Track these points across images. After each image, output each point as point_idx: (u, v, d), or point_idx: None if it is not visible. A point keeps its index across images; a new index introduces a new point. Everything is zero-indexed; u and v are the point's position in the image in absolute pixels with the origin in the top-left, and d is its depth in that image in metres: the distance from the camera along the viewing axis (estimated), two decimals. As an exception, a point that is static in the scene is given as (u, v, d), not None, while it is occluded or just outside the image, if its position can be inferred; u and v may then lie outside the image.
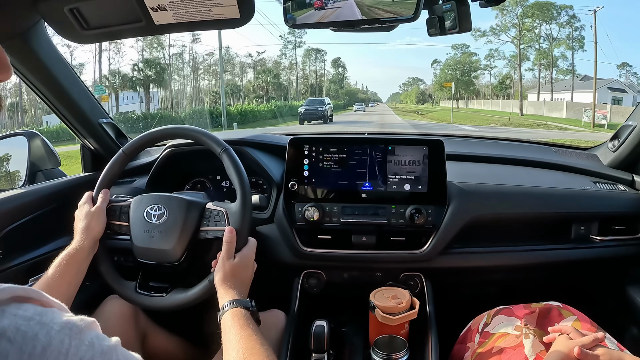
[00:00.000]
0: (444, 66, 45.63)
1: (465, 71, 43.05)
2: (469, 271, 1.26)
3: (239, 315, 0.81)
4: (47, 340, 0.34)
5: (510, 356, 0.87)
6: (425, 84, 64.66)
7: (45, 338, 0.34)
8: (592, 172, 1.38)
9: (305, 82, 48.49)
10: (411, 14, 0.82)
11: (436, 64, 49.20)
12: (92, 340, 0.38)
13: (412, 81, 70.99)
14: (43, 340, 0.34)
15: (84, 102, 1.27)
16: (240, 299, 0.85)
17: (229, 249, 0.93)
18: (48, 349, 0.34)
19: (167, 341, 1.19)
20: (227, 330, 0.78)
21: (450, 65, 44.16)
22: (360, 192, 1.19)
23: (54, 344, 0.35)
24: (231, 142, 1.09)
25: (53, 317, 0.37)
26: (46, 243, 1.21)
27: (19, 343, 0.33)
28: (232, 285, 0.88)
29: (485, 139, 1.79)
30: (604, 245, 1.23)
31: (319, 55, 49.84)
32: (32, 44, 1.04)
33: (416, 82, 68.71)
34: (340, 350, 1.11)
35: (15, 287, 0.38)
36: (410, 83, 71.09)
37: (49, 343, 0.34)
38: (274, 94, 42.56)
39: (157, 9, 0.86)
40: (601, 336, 0.81)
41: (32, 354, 0.33)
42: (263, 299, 1.18)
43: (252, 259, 0.98)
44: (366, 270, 1.23)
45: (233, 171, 1.00)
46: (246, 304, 0.84)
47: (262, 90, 42.02)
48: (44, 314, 0.37)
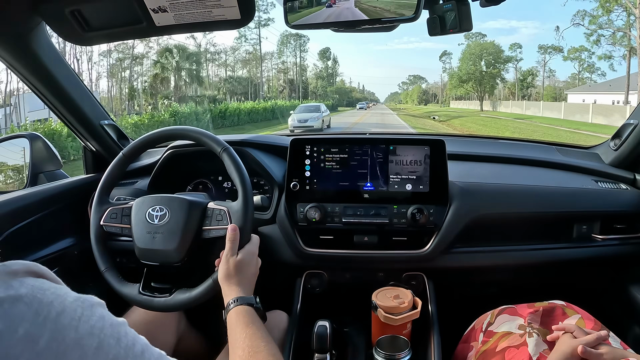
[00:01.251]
0: (464, 55, 36.16)
1: (491, 62, 34.64)
2: (471, 271, 1.26)
3: (243, 312, 0.81)
4: (61, 308, 0.37)
5: (514, 355, 0.87)
6: (427, 83, 59.45)
7: (59, 306, 0.37)
8: (594, 171, 1.38)
9: (284, 77, 39.57)
10: (412, 13, 0.82)
11: (446, 57, 42.68)
12: (102, 313, 0.41)
13: (413, 79, 65.12)
14: (57, 307, 0.37)
15: (85, 103, 1.27)
16: (244, 296, 0.85)
17: (232, 247, 0.93)
18: (62, 314, 0.37)
19: (199, 345, 1.20)
20: (232, 329, 0.79)
21: (474, 53, 35.17)
22: (362, 192, 1.19)
23: (67, 311, 0.37)
24: (232, 142, 1.09)
25: (67, 291, 0.40)
26: (48, 245, 1.21)
27: (34, 307, 0.35)
28: (236, 282, 0.88)
29: (487, 138, 1.79)
30: (606, 244, 1.23)
31: (299, 42, 39.32)
32: (33, 46, 1.04)
33: (417, 80, 63.13)
34: (342, 351, 1.11)
35: (29, 263, 0.41)
36: (410, 82, 65.47)
37: (63, 310, 0.37)
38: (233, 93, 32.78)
39: (158, 11, 0.86)
40: (605, 335, 0.81)
41: (47, 317, 0.35)
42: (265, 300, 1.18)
43: (256, 255, 0.97)
44: (368, 270, 1.23)
45: (234, 170, 1.00)
46: (250, 300, 0.84)
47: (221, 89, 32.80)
48: (59, 288, 0.39)
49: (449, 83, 41.90)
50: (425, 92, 59.19)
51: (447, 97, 47.93)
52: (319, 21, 0.87)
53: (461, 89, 37.48)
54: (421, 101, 57.26)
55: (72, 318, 0.37)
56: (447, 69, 43.84)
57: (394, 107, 47.34)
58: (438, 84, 57.20)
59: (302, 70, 41.73)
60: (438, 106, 47.05)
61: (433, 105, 50.91)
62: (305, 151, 1.21)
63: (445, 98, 49.42)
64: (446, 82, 44.92)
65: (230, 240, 0.93)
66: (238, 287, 0.87)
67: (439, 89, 54.95)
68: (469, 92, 37.72)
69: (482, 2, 0.89)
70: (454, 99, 43.93)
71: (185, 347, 1.14)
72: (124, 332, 0.41)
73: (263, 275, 1.00)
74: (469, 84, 35.55)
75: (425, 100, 57.39)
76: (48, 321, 0.35)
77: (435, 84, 58.56)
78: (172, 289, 1.01)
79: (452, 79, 38.98)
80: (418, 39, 75.60)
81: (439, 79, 54.50)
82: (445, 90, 46.45)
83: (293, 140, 1.22)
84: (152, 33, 0.94)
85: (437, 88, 56.24)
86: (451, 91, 42.14)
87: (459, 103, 41.34)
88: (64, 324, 0.36)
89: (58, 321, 0.36)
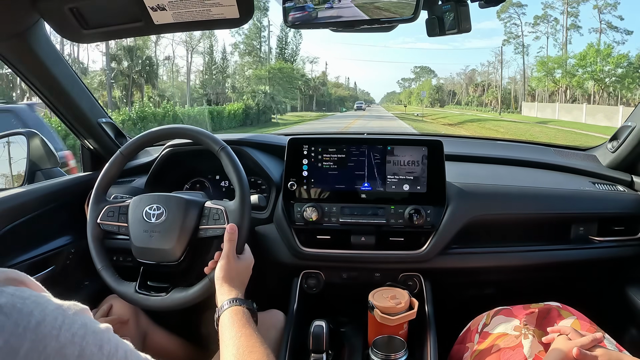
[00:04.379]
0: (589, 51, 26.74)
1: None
2: (468, 272, 1.26)
3: (240, 313, 0.80)
4: (41, 317, 0.36)
5: (510, 356, 0.87)
6: (437, 77, 48.58)
7: (40, 315, 0.36)
8: (591, 172, 1.38)
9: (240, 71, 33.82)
10: (411, 14, 0.82)
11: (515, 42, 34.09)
12: (84, 321, 0.39)
13: (419, 72, 52.20)
14: (38, 316, 0.36)
15: (84, 101, 1.27)
16: (243, 299, 0.84)
17: (231, 247, 0.92)
18: (42, 323, 0.36)
19: (167, 341, 1.19)
20: (227, 328, 0.78)
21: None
22: (359, 193, 1.19)
23: (48, 320, 0.36)
24: (230, 142, 1.09)
25: (48, 299, 0.39)
26: (45, 242, 1.20)
27: (14, 317, 0.35)
28: (235, 285, 0.88)
29: (484, 139, 1.79)
30: (603, 245, 1.23)
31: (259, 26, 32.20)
32: (32, 43, 1.03)
33: (425, 73, 50.99)
34: (339, 351, 1.11)
35: (8, 271, 0.40)
36: (417, 75, 52.58)
37: (44, 319, 0.36)
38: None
39: (157, 9, 0.86)
40: (600, 337, 0.81)
41: (27, 328, 0.35)
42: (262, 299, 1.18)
43: (253, 259, 0.97)
44: (365, 270, 1.23)
45: (231, 169, 1.00)
46: (249, 304, 0.84)
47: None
48: (40, 297, 0.38)
49: (537, 72, 34.03)
50: (439, 90, 47.41)
51: (471, 97, 41.83)
52: (318, 21, 0.87)
53: (546, 84, 31.38)
54: (434, 102, 46.22)
55: (52, 327, 0.36)
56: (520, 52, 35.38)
57: (402, 113, 35.63)
58: (449, 79, 46.48)
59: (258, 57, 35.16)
60: (469, 109, 39.05)
61: (452, 107, 41.40)
62: (303, 151, 1.21)
63: (470, 97, 42.52)
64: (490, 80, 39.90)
65: (229, 240, 0.92)
66: (236, 289, 0.87)
67: (457, 86, 45.03)
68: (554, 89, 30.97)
69: (482, 3, 0.89)
70: (528, 99, 34.81)
71: (154, 344, 1.14)
72: (106, 339, 0.40)
73: (260, 275, 1.00)
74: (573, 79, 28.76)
75: (439, 100, 46.51)
76: (28, 331, 0.34)
77: (449, 78, 47.43)
78: (168, 287, 1.01)
79: (545, 66, 32.36)
80: (413, 39, 74.78)
81: (449, 74, 45.50)
82: (527, 83, 36.20)
83: (291, 140, 1.22)
84: (151, 31, 0.94)
85: (454, 85, 45.85)
86: (538, 83, 33.71)
87: (531, 108, 31.96)
88: (44, 333, 0.35)
89: (38, 330, 0.35)
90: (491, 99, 40.91)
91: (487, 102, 40.97)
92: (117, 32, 0.98)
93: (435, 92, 47.40)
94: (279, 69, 35.21)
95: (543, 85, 33.54)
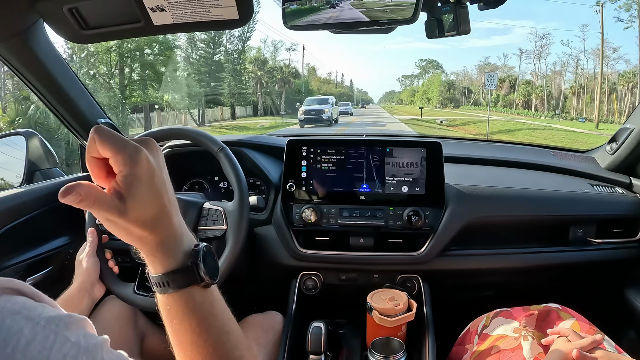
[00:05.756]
0: None
1: None
2: (467, 273, 1.26)
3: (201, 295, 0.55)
4: (32, 335, 0.34)
5: (509, 358, 0.87)
6: (444, 71, 38.95)
7: (30, 333, 0.34)
8: (590, 174, 1.38)
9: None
10: (410, 15, 0.82)
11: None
12: (78, 338, 0.37)
13: (424, 67, 41.68)
14: (28, 335, 0.34)
15: (82, 102, 1.27)
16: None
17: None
18: (32, 343, 0.34)
19: (166, 342, 1.18)
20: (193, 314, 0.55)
21: None
22: (357, 194, 1.19)
23: (38, 339, 0.34)
24: (229, 143, 1.09)
25: (41, 312, 0.36)
26: (44, 243, 1.20)
27: (3, 335, 0.33)
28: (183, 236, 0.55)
29: (483, 141, 1.79)
30: (601, 247, 1.23)
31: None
32: (31, 44, 1.03)
33: (432, 67, 40.36)
34: (337, 352, 1.11)
35: (6, 280, 0.37)
36: (420, 72, 42.40)
37: (34, 338, 0.34)
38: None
39: (156, 10, 0.86)
40: (599, 338, 0.82)
41: (16, 347, 0.33)
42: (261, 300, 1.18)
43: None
44: (363, 272, 1.22)
45: (230, 170, 1.00)
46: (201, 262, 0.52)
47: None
48: (32, 309, 0.36)
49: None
50: (451, 86, 37.29)
51: (494, 95, 32.42)
52: (318, 22, 0.87)
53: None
54: (445, 101, 36.57)
55: (43, 347, 0.34)
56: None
57: (414, 119, 26.27)
58: (462, 73, 35.59)
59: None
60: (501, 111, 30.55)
61: (471, 109, 32.63)
62: (302, 152, 1.21)
63: (494, 96, 32.79)
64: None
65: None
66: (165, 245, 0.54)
67: (474, 83, 34.81)
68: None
69: (481, 5, 0.89)
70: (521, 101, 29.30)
71: (152, 345, 1.13)
72: (100, 357, 0.37)
73: (259, 276, 1.00)
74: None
75: (451, 99, 36.87)
76: (17, 352, 0.33)
77: (462, 73, 36.82)
78: None
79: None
80: (411, 39, 74.18)
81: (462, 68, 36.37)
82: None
83: (289, 141, 1.22)
84: (150, 32, 0.94)
85: (470, 81, 35.65)
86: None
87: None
88: (33, 355, 0.33)
89: (27, 352, 0.33)
90: (522, 99, 32.05)
91: (519, 102, 32.33)
92: (117, 33, 0.98)
93: (446, 90, 37.63)
94: (201, 58, 23.66)
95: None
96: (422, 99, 39.37)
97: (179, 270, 0.49)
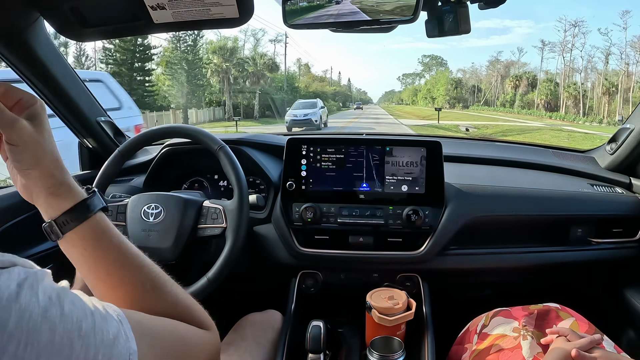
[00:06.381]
0: None
1: None
2: (466, 273, 1.26)
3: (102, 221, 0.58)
4: (18, 288, 0.36)
5: (508, 357, 0.87)
6: (448, 68, 35.30)
7: (15, 286, 0.36)
8: (590, 174, 1.39)
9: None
10: (410, 15, 0.82)
11: None
12: (50, 282, 0.40)
13: (428, 64, 38.09)
14: (14, 288, 0.36)
15: (83, 100, 1.27)
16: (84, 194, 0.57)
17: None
18: (20, 293, 0.36)
19: None
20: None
21: None
22: (357, 193, 1.19)
23: (25, 287, 0.36)
24: (229, 141, 1.09)
25: (19, 271, 0.38)
26: (43, 240, 1.20)
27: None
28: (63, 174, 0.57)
29: (483, 141, 1.79)
30: (601, 247, 1.23)
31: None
32: (31, 42, 1.03)
33: (437, 64, 36.84)
34: (336, 351, 1.11)
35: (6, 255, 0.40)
36: (423, 69, 38.93)
37: (21, 287, 0.36)
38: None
39: (157, 8, 0.86)
40: (599, 338, 0.82)
41: (9, 299, 0.35)
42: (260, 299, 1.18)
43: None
44: (363, 271, 1.22)
45: (230, 168, 1.00)
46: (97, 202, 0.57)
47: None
48: (11, 262, 0.39)
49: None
50: (458, 85, 33.11)
51: (510, 95, 28.45)
52: (318, 21, 0.87)
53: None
54: (452, 101, 32.59)
55: (31, 295, 0.36)
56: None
57: (429, 124, 21.09)
58: (470, 70, 31.82)
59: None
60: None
61: (489, 110, 27.43)
62: (302, 151, 1.21)
63: (509, 96, 29.03)
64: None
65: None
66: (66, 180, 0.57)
67: (484, 80, 30.78)
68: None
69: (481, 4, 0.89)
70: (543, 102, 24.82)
71: None
72: (72, 294, 0.40)
73: (258, 275, 1.00)
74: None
75: (459, 99, 32.72)
76: (11, 301, 0.35)
77: (470, 70, 32.89)
78: None
79: None
80: (411, 38, 73.63)
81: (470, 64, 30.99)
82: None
83: (289, 140, 1.22)
84: (150, 30, 0.94)
85: (479, 78, 31.40)
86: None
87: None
88: (26, 301, 0.35)
89: (20, 299, 0.35)
90: (544, 98, 27.52)
91: (540, 103, 27.99)
92: (117, 31, 0.98)
93: (454, 89, 33.61)
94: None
95: None
96: (426, 99, 35.89)
97: (77, 205, 0.55)
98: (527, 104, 29.55)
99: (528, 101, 29.76)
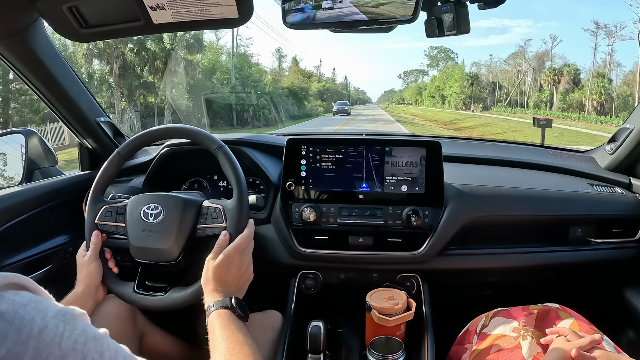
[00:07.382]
0: None
1: None
2: (466, 273, 1.26)
3: (220, 316, 0.81)
4: (43, 324, 0.36)
5: (508, 357, 0.87)
6: (456, 63, 30.74)
7: (41, 322, 0.36)
8: (590, 174, 1.39)
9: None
10: (410, 15, 0.82)
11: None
12: (84, 327, 0.40)
13: (435, 57, 34.49)
14: (39, 324, 0.36)
15: (82, 100, 1.27)
16: (219, 300, 0.85)
17: (216, 251, 0.92)
18: (44, 331, 0.36)
19: (165, 341, 1.18)
20: (211, 333, 0.80)
21: None
22: (357, 193, 1.19)
23: (49, 327, 0.37)
24: (228, 141, 1.09)
25: (48, 305, 0.39)
26: (43, 241, 1.20)
27: (17, 325, 0.35)
28: (213, 287, 0.88)
29: (483, 141, 1.79)
30: (601, 247, 1.23)
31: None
32: (31, 42, 1.03)
33: (445, 58, 33.14)
34: (336, 351, 1.11)
35: (10, 275, 0.39)
36: (430, 63, 35.27)
37: (45, 326, 0.36)
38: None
39: (156, 8, 0.86)
40: (598, 338, 0.82)
41: (30, 335, 0.35)
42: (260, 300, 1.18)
43: (236, 256, 0.93)
44: (363, 271, 1.22)
45: (229, 168, 1.00)
46: (225, 303, 0.84)
47: None
48: (39, 302, 0.38)
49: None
50: (475, 80, 27.56)
51: (547, 94, 22.91)
52: (318, 21, 0.87)
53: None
54: (467, 100, 27.16)
55: (54, 334, 0.36)
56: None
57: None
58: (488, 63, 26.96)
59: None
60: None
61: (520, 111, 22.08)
62: (301, 151, 1.21)
63: (545, 95, 23.15)
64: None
65: (218, 245, 0.93)
66: (214, 292, 0.87)
67: (505, 76, 25.85)
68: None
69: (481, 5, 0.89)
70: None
71: (151, 344, 1.14)
72: (106, 345, 0.40)
73: (258, 275, 1.00)
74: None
75: (475, 98, 27.07)
76: (31, 339, 0.35)
77: (488, 63, 27.87)
78: (167, 287, 1.01)
79: None
80: (409, 38, 73.14)
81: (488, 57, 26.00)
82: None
83: (289, 140, 1.22)
84: (150, 31, 0.94)
85: (497, 74, 26.54)
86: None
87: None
88: (46, 342, 0.35)
89: (40, 338, 0.35)
90: (597, 99, 21.29)
91: (591, 104, 21.93)
92: (116, 31, 0.98)
93: (469, 86, 28.42)
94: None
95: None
96: (434, 98, 31.08)
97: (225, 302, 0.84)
98: (570, 106, 24.00)
99: (572, 102, 24.06)
